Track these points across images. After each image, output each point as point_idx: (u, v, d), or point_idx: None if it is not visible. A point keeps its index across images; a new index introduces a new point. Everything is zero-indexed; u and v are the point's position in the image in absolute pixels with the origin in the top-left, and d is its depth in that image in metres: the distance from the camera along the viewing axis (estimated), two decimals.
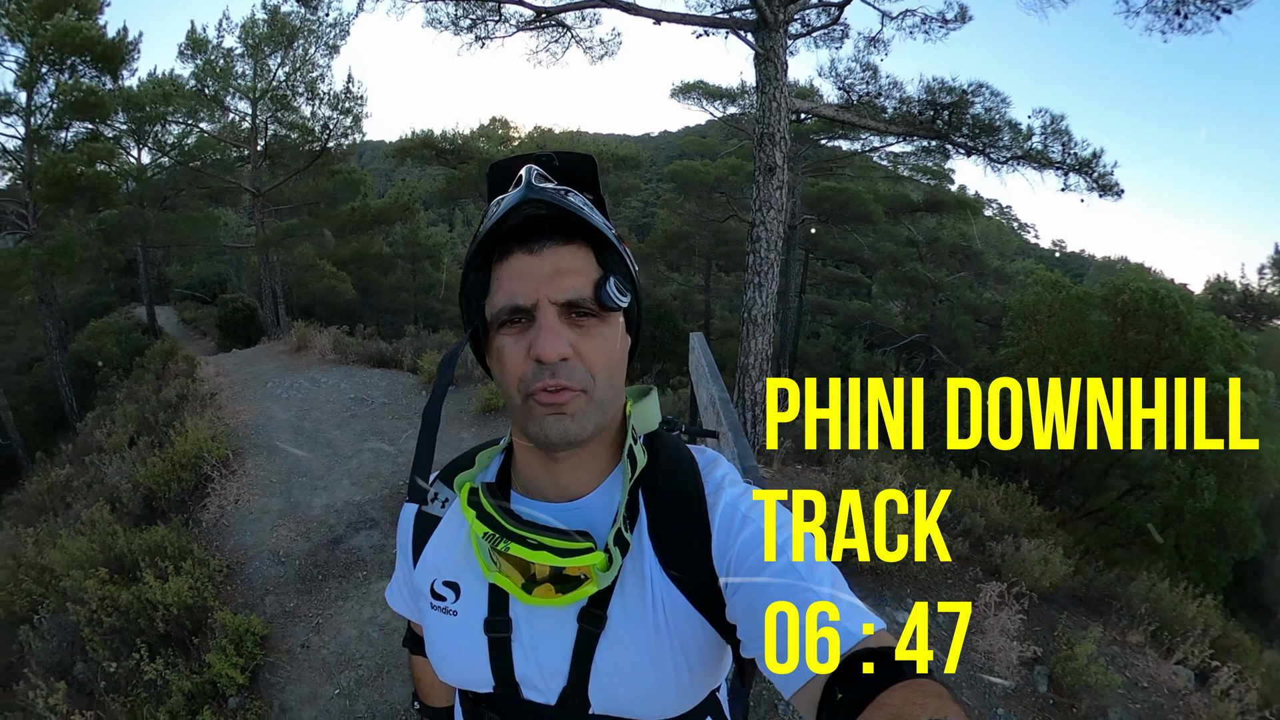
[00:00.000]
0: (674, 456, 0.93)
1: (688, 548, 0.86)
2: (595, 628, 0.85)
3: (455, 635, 0.93)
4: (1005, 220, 61.20)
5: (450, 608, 0.93)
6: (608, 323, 0.82)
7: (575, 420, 0.80)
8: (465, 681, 0.95)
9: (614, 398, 0.86)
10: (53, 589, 4.85)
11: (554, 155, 0.86)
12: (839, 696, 0.64)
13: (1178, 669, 4.67)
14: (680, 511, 0.88)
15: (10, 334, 17.35)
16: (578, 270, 0.80)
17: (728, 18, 8.34)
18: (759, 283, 7.71)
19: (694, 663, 0.87)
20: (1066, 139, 8.57)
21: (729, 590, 0.82)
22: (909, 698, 0.59)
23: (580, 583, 0.82)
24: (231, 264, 30.56)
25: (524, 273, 0.79)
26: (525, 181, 0.78)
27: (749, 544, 0.82)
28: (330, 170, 18.99)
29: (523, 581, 0.83)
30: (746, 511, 0.86)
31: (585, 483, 0.90)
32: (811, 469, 7.08)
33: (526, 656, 0.89)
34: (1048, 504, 9.62)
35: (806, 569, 0.77)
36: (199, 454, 6.44)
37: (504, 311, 0.80)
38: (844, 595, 0.75)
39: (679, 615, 0.85)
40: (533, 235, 0.80)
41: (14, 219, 15.89)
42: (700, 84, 18.79)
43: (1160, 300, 10.32)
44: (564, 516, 0.89)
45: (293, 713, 3.73)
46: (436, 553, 0.97)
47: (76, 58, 15.31)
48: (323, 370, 10.46)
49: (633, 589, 0.86)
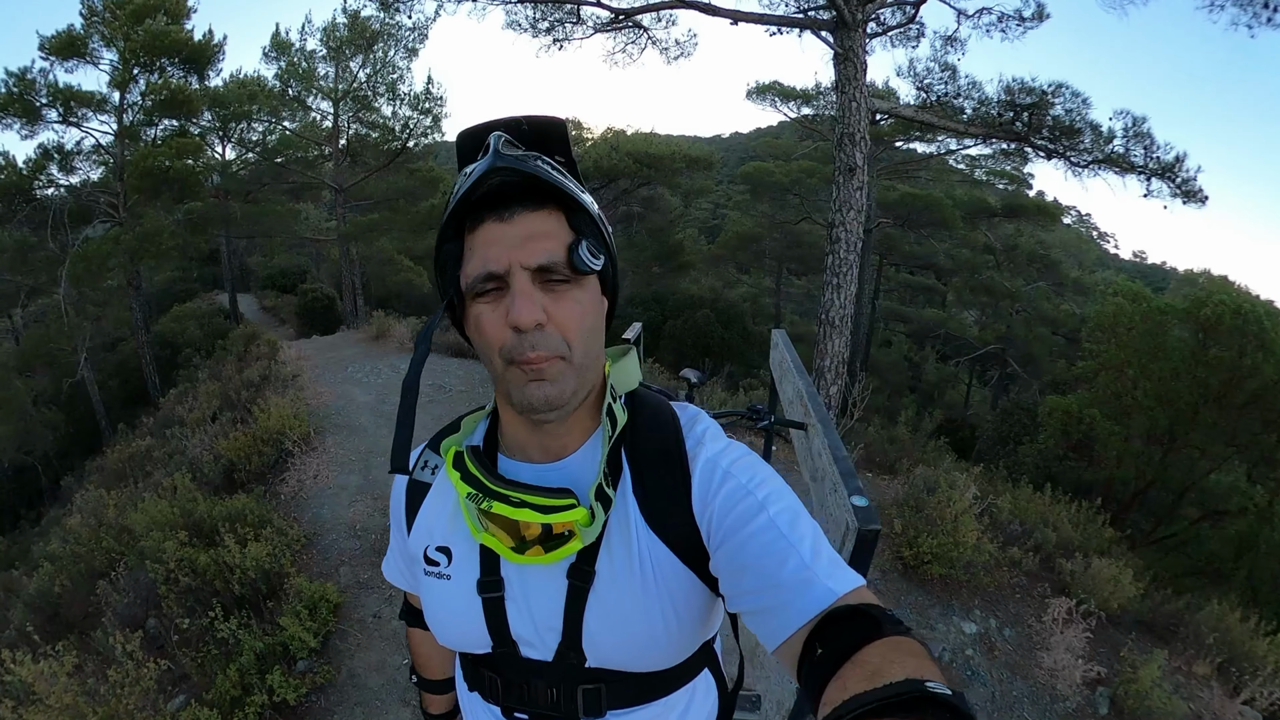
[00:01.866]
0: (655, 414, 0.95)
1: (670, 502, 0.87)
2: (584, 583, 0.87)
3: (450, 598, 0.94)
4: (1084, 229, 59.16)
5: (444, 572, 0.95)
6: (582, 286, 0.83)
7: (556, 385, 0.81)
8: (464, 643, 0.97)
9: (593, 360, 0.86)
10: (131, 548, 5.06)
11: (523, 120, 0.85)
12: (819, 651, 0.65)
13: (1244, 709, 4.45)
14: (662, 467, 0.89)
15: (99, 314, 18.26)
16: (549, 235, 0.80)
17: (804, 17, 8.28)
18: (837, 284, 7.64)
19: (682, 614, 0.88)
20: (1149, 142, 8.31)
21: (712, 545, 0.84)
22: (887, 654, 0.60)
23: (567, 540, 0.83)
24: (312, 256, 31.46)
25: (496, 240, 0.80)
26: (492, 149, 0.78)
27: (730, 499, 0.83)
28: (409, 168, 19.36)
29: (513, 544, 0.85)
30: (728, 467, 0.87)
31: (568, 443, 0.91)
32: (881, 477, 6.99)
33: (520, 614, 0.91)
34: (1118, 526, 9.25)
35: (788, 525, 0.79)
36: (281, 430, 6.64)
37: (478, 280, 0.80)
38: (825, 551, 0.77)
39: (665, 568, 0.87)
40: (503, 202, 0.80)
41: (106, 208, 16.73)
42: (775, 85, 18.65)
43: (1243, 315, 9.80)
44: (548, 476, 0.90)
45: (359, 679, 3.83)
46: (428, 519, 0.99)
47: (165, 59, 16.20)
48: (401, 358, 10.72)
49: (618, 544, 0.87)
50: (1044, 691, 4.16)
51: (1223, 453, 10.74)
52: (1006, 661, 4.35)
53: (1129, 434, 10.89)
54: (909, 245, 25.21)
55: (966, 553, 4.84)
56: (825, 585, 0.71)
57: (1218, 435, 10.41)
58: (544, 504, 0.81)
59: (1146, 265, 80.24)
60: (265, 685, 3.55)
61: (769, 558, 0.76)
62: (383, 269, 24.46)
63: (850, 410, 7.66)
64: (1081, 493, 9.34)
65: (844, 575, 0.74)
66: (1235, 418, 10.19)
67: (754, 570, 0.77)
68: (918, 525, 4.98)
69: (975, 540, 4.91)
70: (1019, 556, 5.30)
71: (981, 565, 4.95)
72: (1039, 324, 22.51)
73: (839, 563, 0.76)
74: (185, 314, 22.18)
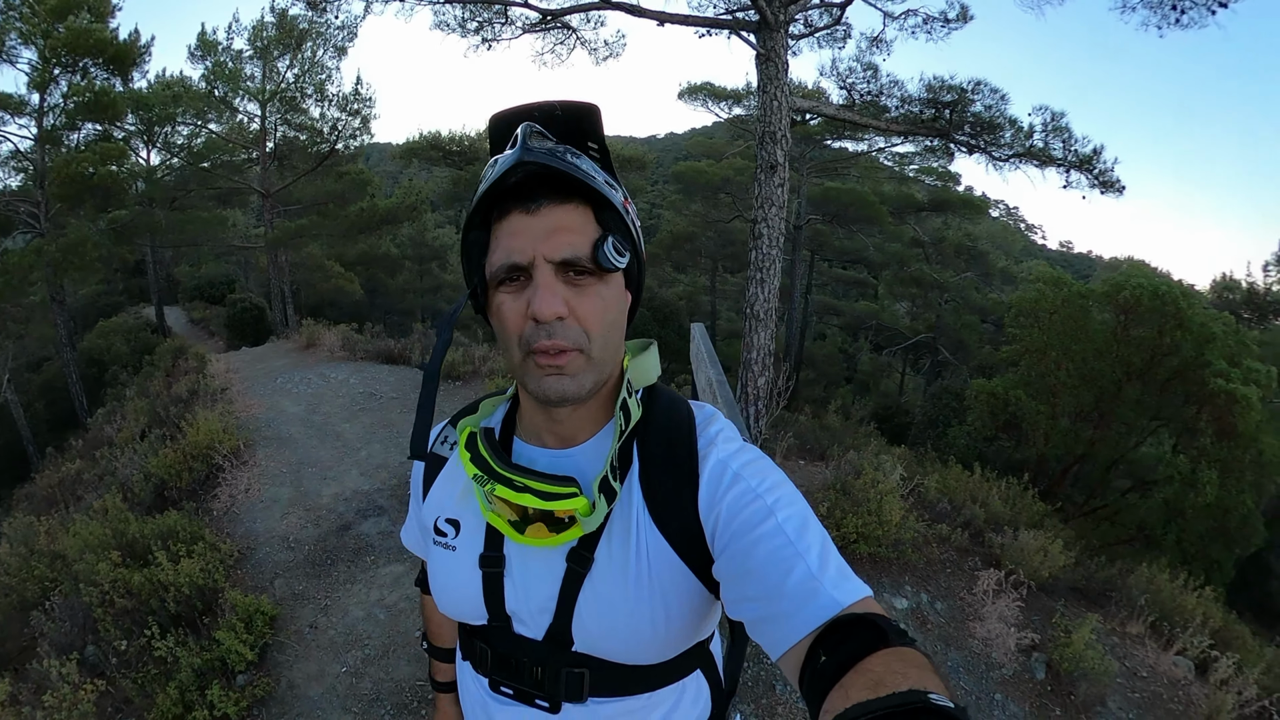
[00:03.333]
0: (670, 410, 0.96)
1: (676, 500, 0.88)
2: (581, 568, 0.88)
3: (453, 569, 0.98)
4: (1012, 221, 61.13)
5: (450, 543, 0.98)
6: (605, 282, 0.84)
7: (574, 379, 0.82)
8: (461, 613, 1.00)
9: (612, 355, 0.87)
10: (64, 574, 4.91)
11: (556, 105, 0.85)
12: (822, 660, 0.65)
13: (1177, 659, 4.68)
14: (671, 464, 0.90)
15: (21, 332, 17.47)
16: (575, 229, 0.81)
17: (730, 18, 8.39)
18: (761, 278, 7.77)
19: (674, 612, 0.89)
20: (1067, 136, 8.59)
21: (716, 548, 0.84)
22: (891, 665, 0.60)
23: (570, 525, 0.85)
24: (240, 264, 30.64)
25: (521, 231, 0.80)
26: (520, 142, 0.79)
27: (738, 502, 0.83)
28: (338, 171, 19.12)
29: (514, 519, 0.86)
30: (738, 469, 0.87)
31: (581, 432, 0.93)
32: (814, 463, 7.12)
33: (516, 591, 0.93)
34: (1050, 501, 9.62)
35: (796, 532, 0.78)
36: (210, 445, 6.51)
37: (502, 270, 0.82)
38: (833, 560, 0.76)
39: (663, 564, 0.88)
40: (530, 194, 0.80)
41: (26, 218, 16.02)
42: (706, 85, 18.84)
43: (1161, 296, 10.30)
44: (558, 463, 0.93)
45: (300, 689, 3.80)
46: (442, 491, 1.02)
47: (88, 60, 15.48)
48: (331, 366, 10.53)
49: (619, 535, 0.88)
50: (979, 660, 4.26)
51: (1148, 426, 11.30)
52: (940, 634, 4.44)
53: (1056, 413, 11.33)
54: (839, 240, 25.75)
55: (892, 531, 4.95)
56: (831, 595, 0.71)
57: (1143, 410, 10.95)
58: (545, 490, 0.82)
59: (1073, 254, 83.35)
60: (206, 701, 3.51)
61: (775, 565, 0.75)
62: (313, 275, 23.97)
63: (776, 400, 7.82)
64: (1012, 471, 9.71)
65: (850, 585, 0.73)
66: (1158, 393, 10.73)
67: (759, 577, 0.76)
68: (844, 507, 5.07)
69: (900, 519, 5.03)
70: (947, 533, 5.43)
71: (909, 542, 5.05)
72: (968, 312, 23.15)
73: (846, 572, 0.75)
74: (111, 329, 21.41)
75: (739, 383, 8.06)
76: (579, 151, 0.83)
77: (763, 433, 7.58)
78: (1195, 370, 10.08)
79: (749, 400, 7.88)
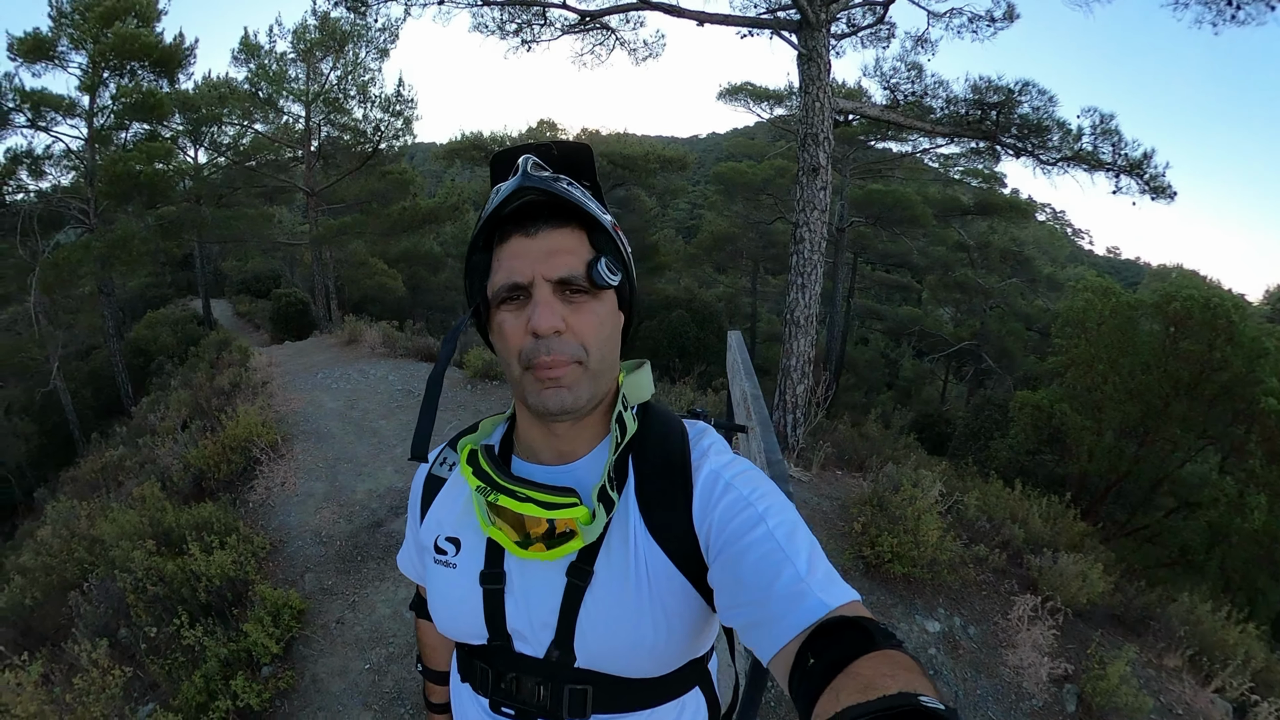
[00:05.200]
0: (664, 425, 0.99)
1: (671, 510, 0.90)
2: (582, 581, 0.90)
3: (453, 587, 0.98)
4: (1059, 226, 59.86)
5: (450, 561, 0.99)
6: (600, 299, 0.88)
7: (571, 392, 0.86)
8: (462, 633, 1.00)
9: (607, 369, 0.91)
10: (102, 558, 5.04)
11: (552, 145, 0.91)
12: (811, 662, 0.66)
13: (1215, 699, 4.50)
14: (666, 475, 0.93)
15: (71, 322, 18.05)
16: (570, 250, 0.86)
17: (771, 18, 8.29)
18: (802, 284, 7.66)
19: (674, 622, 0.90)
20: (1117, 139, 8.34)
21: (710, 555, 0.87)
22: (880, 668, 0.61)
23: (569, 538, 0.87)
24: (285, 260, 31.20)
25: (521, 253, 0.85)
26: (522, 171, 0.85)
27: (729, 511, 0.86)
28: (381, 171, 19.31)
29: (518, 539, 0.88)
30: (730, 479, 0.90)
31: (578, 447, 0.96)
32: (851, 474, 7.01)
33: (518, 609, 0.94)
34: (1091, 519, 9.35)
35: (786, 538, 0.80)
36: (249, 438, 6.64)
37: (503, 289, 0.86)
38: (821, 565, 0.78)
39: (661, 574, 0.90)
40: (529, 219, 0.86)
41: (76, 214, 16.54)
42: (747, 86, 18.65)
43: (1213, 309, 9.94)
44: (556, 477, 0.94)
45: (322, 684, 3.83)
46: (441, 510, 1.04)
47: (136, 62, 16.07)
48: (372, 363, 10.68)
49: (617, 546, 0.90)
50: (1010, 690, 4.15)
51: (1195, 444, 10.87)
52: (971, 660, 4.34)
53: (1101, 428, 11.00)
54: (882, 244, 25.47)
55: (928, 551, 4.83)
56: (819, 598, 0.73)
57: (1190, 427, 10.54)
58: (547, 500, 0.85)
59: (1120, 261, 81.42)
60: (230, 691, 3.57)
61: (765, 569, 0.78)
62: (356, 272, 24.31)
63: (815, 408, 7.70)
64: (1054, 487, 9.43)
65: (838, 589, 0.75)
66: (1206, 410, 10.32)
67: (749, 582, 0.78)
68: (880, 524, 4.97)
69: (937, 538, 4.90)
70: (985, 553, 5.30)
71: (945, 563, 4.93)
72: (1013, 320, 22.77)
73: (834, 577, 0.77)
74: (158, 320, 21.98)
75: (777, 389, 7.95)
76: (573, 180, 0.89)
77: (800, 441, 7.47)
78: (1245, 388, 9.70)
79: (787, 408, 7.77)
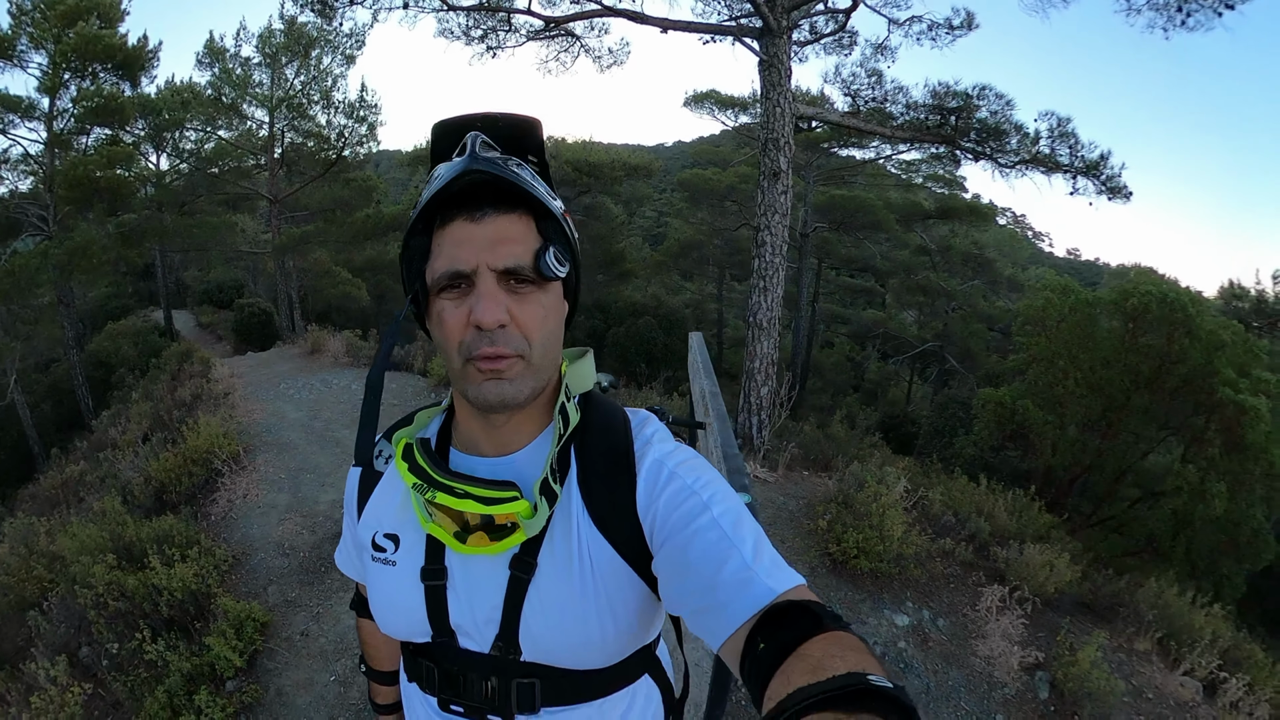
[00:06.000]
0: (607, 415, 0.97)
1: (615, 500, 0.89)
2: (525, 574, 0.88)
3: (394, 585, 0.95)
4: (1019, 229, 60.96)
5: (390, 558, 0.96)
6: (546, 290, 0.85)
7: (513, 384, 0.83)
8: (404, 631, 0.97)
9: (550, 362, 0.89)
10: (62, 575, 4.93)
11: (499, 117, 0.87)
12: (761, 647, 0.66)
13: (1185, 679, 4.61)
14: (609, 466, 0.91)
15: (29, 333, 17.53)
16: (517, 239, 0.82)
17: (733, 25, 8.38)
18: (764, 287, 7.73)
19: (619, 613, 0.89)
20: (1074, 142, 8.52)
21: (654, 544, 0.86)
22: (828, 649, 0.61)
23: (511, 531, 0.85)
24: (248, 270, 30.72)
25: (465, 239, 0.81)
26: (469, 151, 0.81)
27: (674, 499, 0.85)
28: (346, 178, 19.16)
29: (456, 530, 0.87)
30: (673, 468, 0.89)
31: (519, 439, 0.94)
32: (817, 474, 7.06)
33: (460, 604, 0.92)
34: (1057, 512, 9.50)
35: (731, 526, 0.80)
36: (210, 449, 6.52)
37: (444, 277, 0.82)
38: (766, 552, 0.78)
39: (605, 565, 0.88)
40: (474, 202, 0.82)
41: (35, 221, 16.09)
42: (713, 93, 18.82)
43: (1169, 303, 10.17)
44: (497, 470, 0.92)
45: (288, 697, 3.77)
46: (378, 507, 1.01)
47: (97, 64, 15.61)
48: (335, 373, 10.57)
49: (561, 538, 0.89)
50: (981, 679, 4.20)
51: (1156, 436, 11.14)
52: (941, 652, 4.39)
53: (1063, 422, 11.20)
54: (846, 249, 25.72)
55: (894, 546, 4.88)
56: (765, 584, 0.73)
57: (1151, 419, 10.80)
58: (487, 495, 0.83)
59: (1080, 262, 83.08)
60: (194, 706, 3.51)
61: (712, 557, 0.77)
62: (320, 281, 23.97)
63: (779, 409, 7.75)
64: (1019, 481, 9.59)
65: (784, 575, 0.75)
66: (1167, 402, 10.56)
67: (696, 570, 0.78)
68: (845, 520, 5.02)
69: (902, 533, 4.96)
70: (951, 547, 5.38)
71: (912, 558, 5.00)
72: (975, 320, 23.06)
73: (780, 563, 0.77)
74: (119, 332, 21.48)
75: (742, 392, 8.00)
76: (522, 162, 0.85)
77: (766, 442, 7.51)
78: (1204, 379, 9.93)
79: (752, 410, 7.82)
